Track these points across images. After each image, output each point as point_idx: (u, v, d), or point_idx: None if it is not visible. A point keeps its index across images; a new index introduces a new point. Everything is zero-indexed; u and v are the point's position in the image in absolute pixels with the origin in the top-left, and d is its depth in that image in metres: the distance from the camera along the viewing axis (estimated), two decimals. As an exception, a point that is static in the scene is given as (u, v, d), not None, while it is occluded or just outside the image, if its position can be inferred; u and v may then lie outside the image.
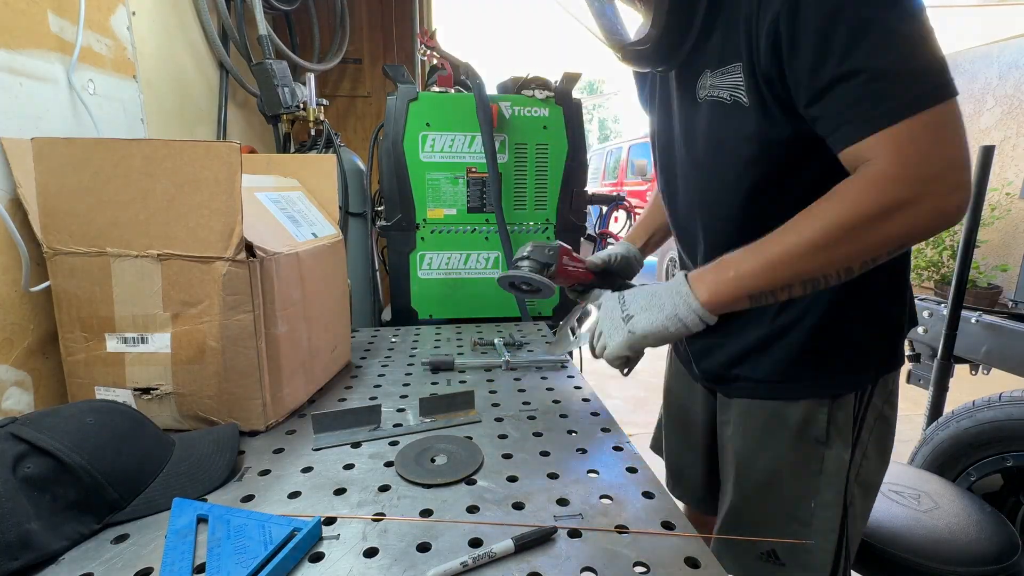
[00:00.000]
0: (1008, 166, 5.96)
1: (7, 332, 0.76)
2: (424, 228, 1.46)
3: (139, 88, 1.10)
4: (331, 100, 2.04)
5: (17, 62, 0.79)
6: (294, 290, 0.84)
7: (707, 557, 0.54)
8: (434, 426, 0.82)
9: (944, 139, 0.58)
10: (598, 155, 9.37)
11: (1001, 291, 5.72)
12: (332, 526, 0.58)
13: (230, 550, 0.52)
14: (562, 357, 1.11)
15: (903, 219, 0.58)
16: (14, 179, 0.76)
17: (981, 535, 1.06)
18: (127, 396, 0.77)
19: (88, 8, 0.92)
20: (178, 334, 0.75)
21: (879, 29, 0.57)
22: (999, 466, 1.47)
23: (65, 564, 0.52)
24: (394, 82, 1.40)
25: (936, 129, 0.58)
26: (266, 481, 0.67)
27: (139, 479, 0.61)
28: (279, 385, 0.81)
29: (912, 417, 3.22)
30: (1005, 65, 5.89)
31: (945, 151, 0.58)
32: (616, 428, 0.83)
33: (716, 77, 0.70)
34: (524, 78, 1.49)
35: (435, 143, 1.41)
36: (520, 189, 1.49)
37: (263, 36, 1.49)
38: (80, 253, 0.73)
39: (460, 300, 1.53)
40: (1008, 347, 1.58)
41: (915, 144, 0.57)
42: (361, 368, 1.09)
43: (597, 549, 0.55)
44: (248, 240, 0.73)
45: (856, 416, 0.77)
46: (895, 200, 0.58)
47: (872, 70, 0.57)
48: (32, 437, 0.55)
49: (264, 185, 0.95)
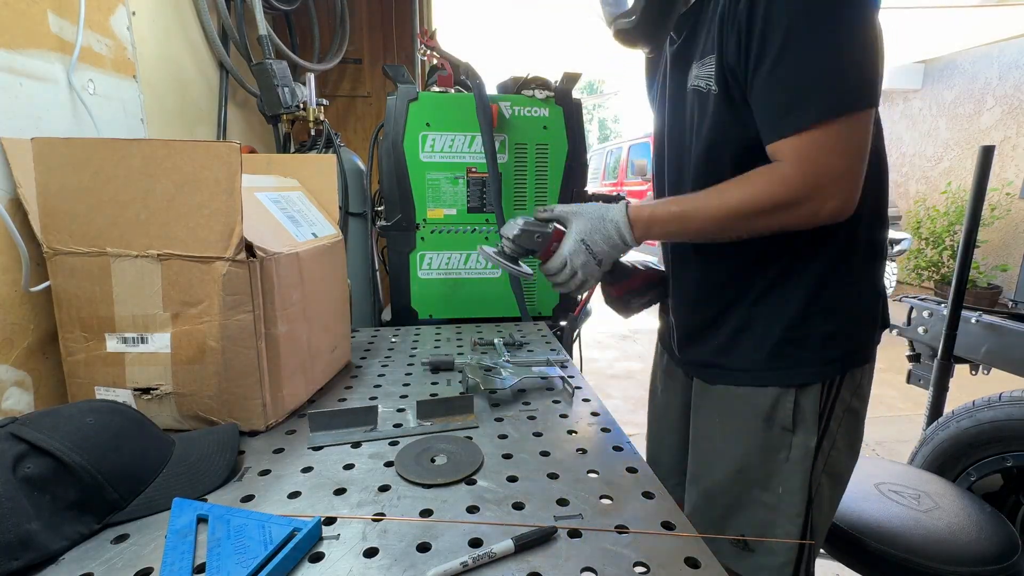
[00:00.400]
0: (1008, 166, 5.96)
1: (7, 332, 0.76)
2: (424, 228, 1.46)
3: (139, 88, 1.10)
4: (331, 100, 2.04)
5: (17, 62, 0.79)
6: (294, 290, 0.84)
7: (707, 557, 0.54)
8: (432, 429, 0.82)
9: (840, 151, 0.66)
10: (598, 155, 9.37)
11: (1001, 291, 5.72)
12: (332, 526, 0.58)
13: (230, 550, 0.52)
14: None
15: (786, 215, 0.71)
16: (14, 179, 0.76)
17: (981, 535, 1.06)
18: (127, 396, 0.77)
19: (88, 8, 0.92)
20: (178, 334, 0.75)
21: (811, 33, 0.63)
22: (999, 466, 1.47)
23: (65, 564, 0.52)
24: (394, 82, 1.40)
25: (836, 140, 0.66)
26: (266, 481, 0.67)
27: (139, 479, 0.61)
28: (279, 385, 0.81)
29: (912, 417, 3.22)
30: (1005, 65, 5.89)
31: (838, 162, 0.67)
32: (616, 428, 0.83)
33: (699, 67, 0.77)
34: (524, 78, 1.49)
35: (435, 143, 1.41)
36: (520, 189, 1.49)
37: (263, 36, 1.49)
38: (80, 253, 0.73)
39: (460, 300, 1.53)
40: (1008, 347, 1.58)
41: (812, 153, 0.67)
42: (361, 368, 1.08)
43: (597, 549, 0.55)
44: (248, 240, 0.73)
45: (823, 407, 0.80)
46: (783, 200, 0.69)
47: (792, 77, 0.65)
48: (32, 437, 0.55)
49: (264, 185, 0.95)
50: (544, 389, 0.98)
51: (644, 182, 7.63)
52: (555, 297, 1.58)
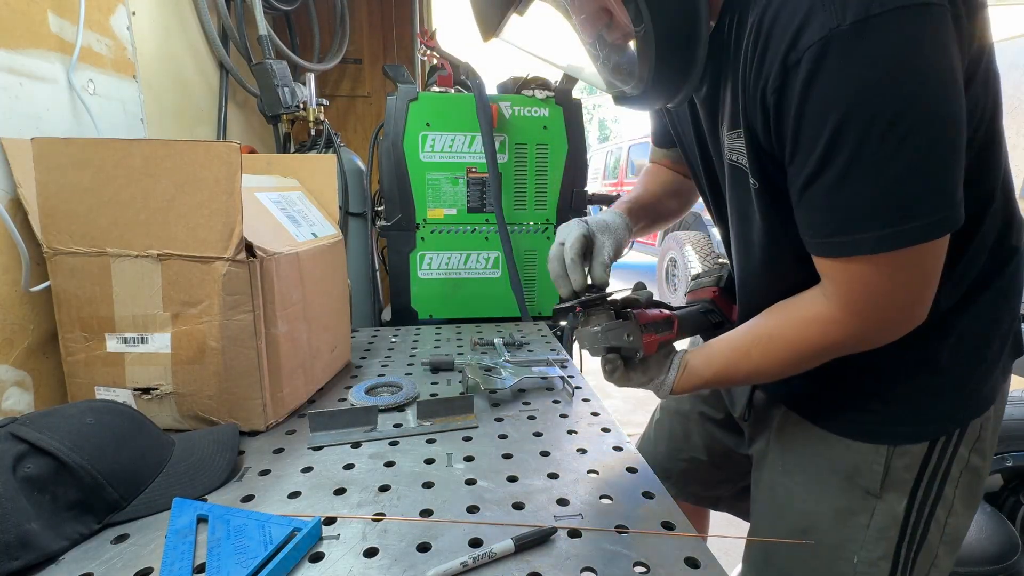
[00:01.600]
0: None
1: (7, 332, 0.76)
2: (424, 228, 1.46)
3: (139, 88, 1.10)
4: (331, 100, 2.04)
5: (17, 62, 0.79)
6: (294, 290, 0.84)
7: (707, 557, 0.54)
8: (432, 429, 0.82)
9: (901, 283, 0.54)
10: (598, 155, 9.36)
11: (1001, 291, 5.71)
12: (332, 526, 0.58)
13: (230, 550, 0.52)
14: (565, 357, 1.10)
15: (843, 350, 0.61)
16: (14, 179, 0.76)
17: (981, 535, 1.06)
18: (127, 396, 0.77)
19: (88, 8, 0.92)
20: (178, 334, 0.75)
21: (869, 140, 0.48)
22: (999, 466, 1.47)
23: (65, 564, 0.52)
24: (394, 82, 1.40)
25: (895, 272, 0.53)
26: (266, 481, 0.67)
27: (139, 479, 0.61)
28: (279, 385, 0.81)
29: (912, 417, 3.22)
30: (1005, 65, 5.88)
31: (898, 296, 0.55)
32: (616, 428, 0.83)
33: (731, 139, 0.63)
34: (524, 78, 1.49)
35: (435, 143, 1.41)
36: (520, 189, 1.49)
37: (263, 36, 1.49)
38: (80, 253, 0.73)
39: (460, 300, 1.53)
40: (1008, 347, 1.57)
41: (866, 287, 0.54)
42: (361, 368, 1.08)
43: (597, 549, 0.55)
44: (248, 240, 0.73)
45: (935, 470, 0.66)
46: (836, 343, 0.60)
47: (843, 189, 0.51)
48: (32, 437, 0.55)
49: (264, 185, 0.95)
50: (544, 389, 0.98)
51: (644, 182, 7.62)
52: (555, 297, 1.58)
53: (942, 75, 0.47)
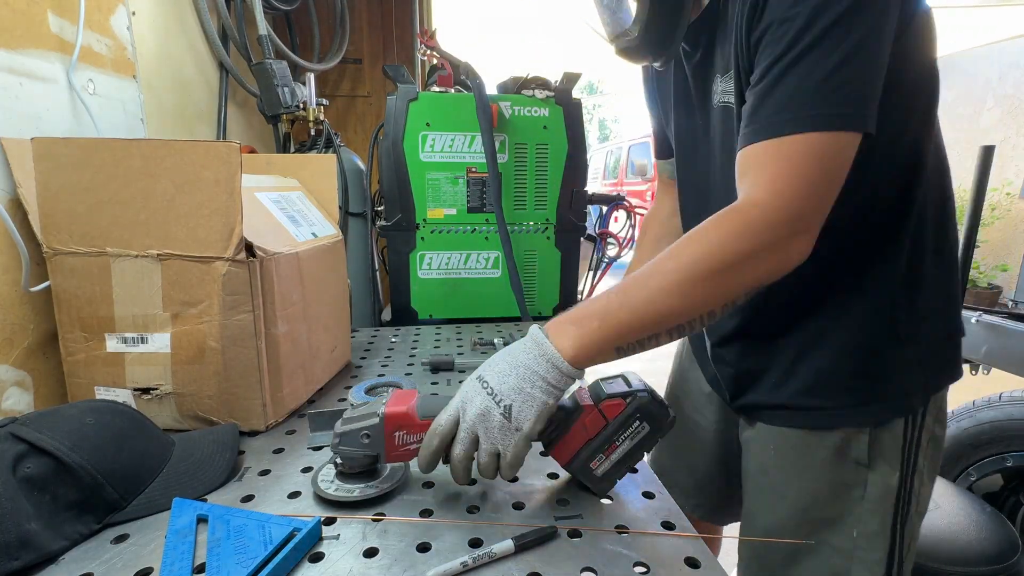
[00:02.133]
0: (1008, 166, 5.96)
1: (7, 332, 0.76)
2: (424, 228, 1.46)
3: (139, 88, 1.10)
4: (331, 100, 2.04)
5: (17, 62, 0.79)
6: (294, 290, 0.84)
7: (707, 557, 0.54)
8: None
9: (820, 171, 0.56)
10: (598, 155, 9.36)
11: (1001, 291, 5.71)
12: (332, 526, 0.58)
13: (230, 550, 0.52)
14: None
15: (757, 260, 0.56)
16: (14, 179, 0.76)
17: (981, 535, 1.06)
18: (127, 396, 0.77)
19: (88, 8, 0.92)
20: (178, 334, 0.75)
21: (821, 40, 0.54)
22: (999, 466, 1.47)
23: (65, 564, 0.52)
24: (394, 82, 1.40)
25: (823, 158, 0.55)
26: (266, 481, 0.67)
27: (139, 479, 0.61)
28: (279, 385, 0.81)
29: (912, 417, 3.22)
30: (1005, 65, 5.89)
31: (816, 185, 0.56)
32: (616, 428, 0.83)
33: (724, 83, 0.70)
34: (524, 78, 1.49)
35: (435, 143, 1.41)
36: (520, 189, 1.49)
37: (263, 36, 1.49)
38: (80, 253, 0.73)
39: (460, 300, 1.53)
40: (1008, 347, 1.58)
41: (794, 167, 0.55)
42: (361, 368, 1.08)
43: (597, 549, 0.55)
44: (248, 240, 0.73)
45: (908, 440, 0.69)
46: (754, 233, 0.56)
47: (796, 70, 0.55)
48: (32, 437, 0.55)
49: (264, 185, 0.95)
50: (544, 389, 0.98)
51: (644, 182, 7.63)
52: (555, 297, 1.58)
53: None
